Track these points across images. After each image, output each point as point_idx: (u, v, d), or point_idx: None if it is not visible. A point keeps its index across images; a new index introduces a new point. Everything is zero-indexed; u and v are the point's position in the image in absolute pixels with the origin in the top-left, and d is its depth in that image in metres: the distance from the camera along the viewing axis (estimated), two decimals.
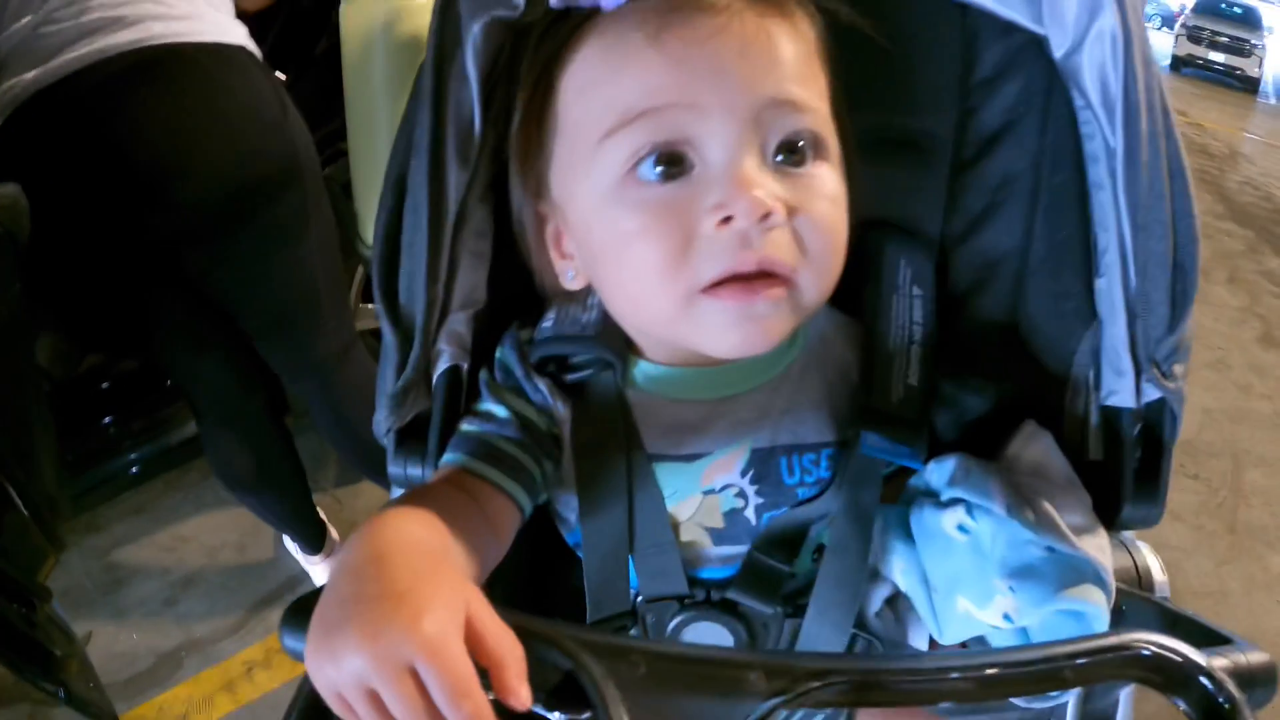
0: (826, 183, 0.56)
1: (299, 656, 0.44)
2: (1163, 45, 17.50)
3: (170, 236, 1.21)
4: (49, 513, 1.28)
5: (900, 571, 0.60)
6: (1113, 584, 0.54)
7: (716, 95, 0.52)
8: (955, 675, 0.40)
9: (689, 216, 0.52)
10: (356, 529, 0.45)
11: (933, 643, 0.60)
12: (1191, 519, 2.47)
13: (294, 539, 1.83)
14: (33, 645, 1.21)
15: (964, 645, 0.58)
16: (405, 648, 0.37)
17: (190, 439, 1.95)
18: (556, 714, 0.41)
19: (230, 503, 2.11)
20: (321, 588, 0.43)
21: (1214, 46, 14.68)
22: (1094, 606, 0.52)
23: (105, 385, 1.87)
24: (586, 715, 0.40)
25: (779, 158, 0.54)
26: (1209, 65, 14.79)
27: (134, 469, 1.90)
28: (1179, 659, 0.41)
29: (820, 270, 0.55)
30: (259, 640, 1.78)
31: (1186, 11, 17.02)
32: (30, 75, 1.13)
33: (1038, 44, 0.63)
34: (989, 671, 0.40)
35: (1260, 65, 14.86)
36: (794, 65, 0.54)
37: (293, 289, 1.30)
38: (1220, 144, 8.52)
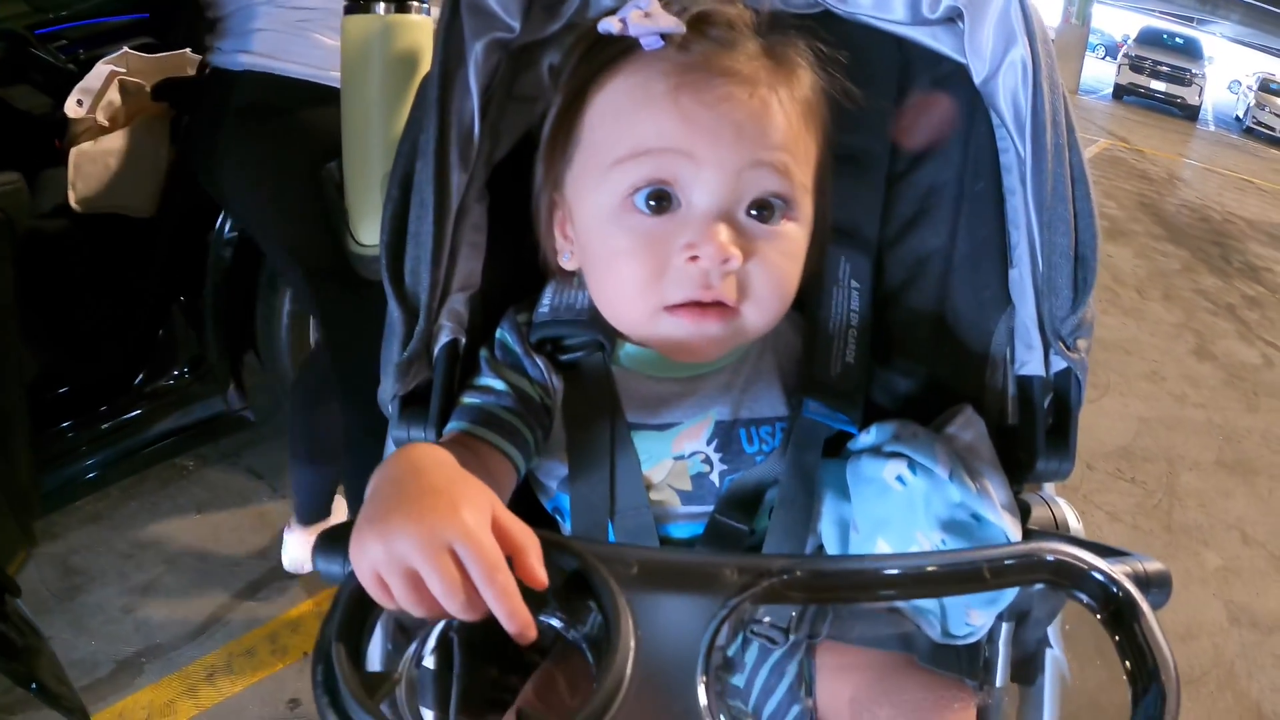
0: (786, 240, 0.67)
1: (331, 578, 0.51)
2: (1106, 74, 18.04)
3: None
4: (22, 506, 1.29)
5: (822, 518, 0.68)
6: None
7: (710, 151, 0.63)
8: (894, 571, 0.48)
9: (666, 248, 0.63)
10: (383, 462, 0.52)
11: None
12: (1129, 519, 2.59)
13: (318, 510, 1.92)
14: (4, 638, 1.22)
15: None
16: (446, 531, 0.44)
17: (150, 444, 1.96)
18: (557, 619, 0.48)
19: (188, 510, 2.12)
20: (349, 520, 0.49)
21: (1156, 75, 15.23)
22: None
23: (64, 390, 1.86)
24: (589, 617, 0.47)
25: (753, 212, 0.65)
26: (1150, 94, 15.35)
27: (91, 475, 1.89)
28: (1077, 561, 0.49)
29: (763, 309, 0.67)
30: (220, 645, 1.79)
31: (1130, 42, 17.64)
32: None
33: (962, 71, 0.74)
34: (924, 569, 0.48)
35: (1200, 94, 15.44)
36: (784, 134, 0.65)
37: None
38: (1159, 169, 8.84)
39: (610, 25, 0.65)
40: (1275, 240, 5.86)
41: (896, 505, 0.64)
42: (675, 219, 0.64)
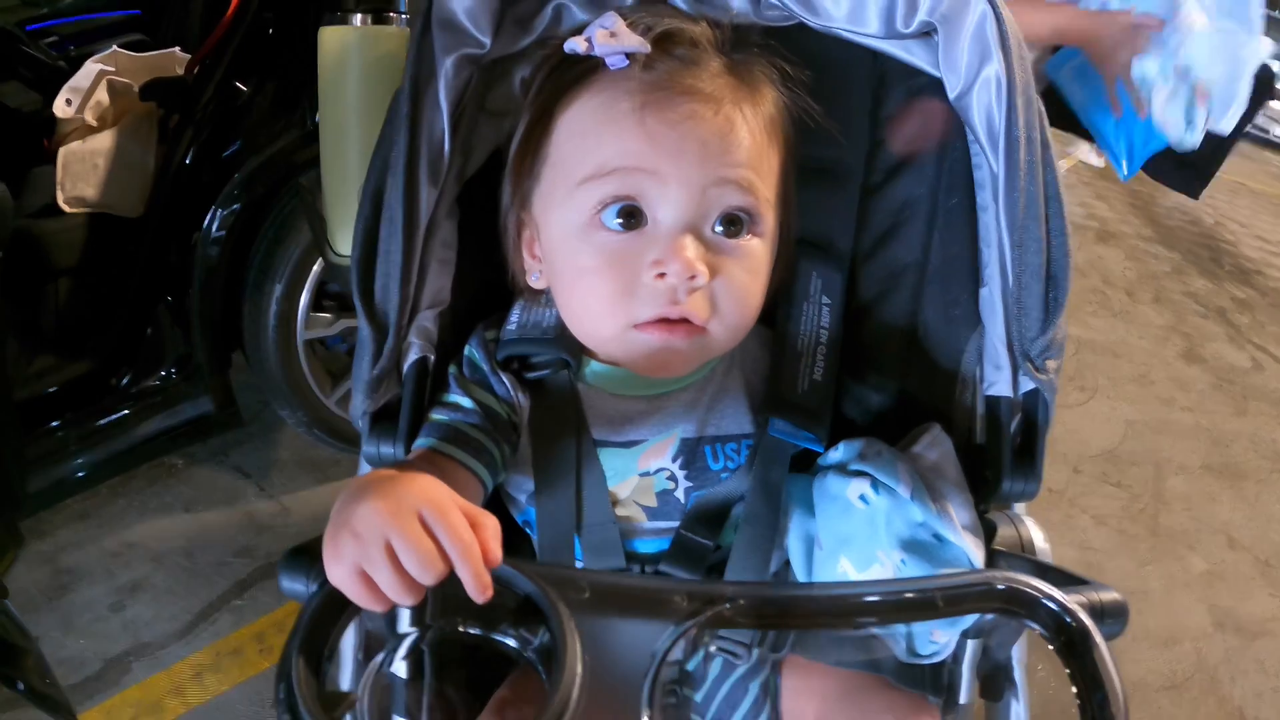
0: (752, 255, 0.67)
1: (294, 596, 0.51)
2: None
3: None
4: (9, 507, 1.29)
5: (789, 533, 0.69)
6: None
7: (676, 169, 0.63)
8: (845, 598, 0.48)
9: (634, 265, 0.64)
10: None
11: None
12: (1115, 523, 2.58)
13: None
14: None
15: None
16: (412, 499, 0.46)
17: (137, 444, 1.96)
18: (513, 638, 0.48)
19: (176, 509, 2.12)
20: (317, 538, 0.50)
21: None
22: None
23: (53, 389, 1.87)
24: (541, 635, 0.48)
25: (719, 228, 0.65)
26: None
27: (80, 474, 1.89)
28: (1030, 590, 0.50)
29: (729, 325, 0.67)
30: (207, 644, 1.79)
31: None
32: None
33: (936, 85, 0.73)
34: (874, 599, 0.49)
35: None
36: (748, 151, 0.66)
37: None
38: None
39: (576, 45, 0.65)
40: (1266, 243, 5.86)
41: (859, 523, 0.64)
42: (643, 236, 0.64)
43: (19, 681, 1.21)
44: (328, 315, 2.03)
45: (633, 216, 0.64)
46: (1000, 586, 0.49)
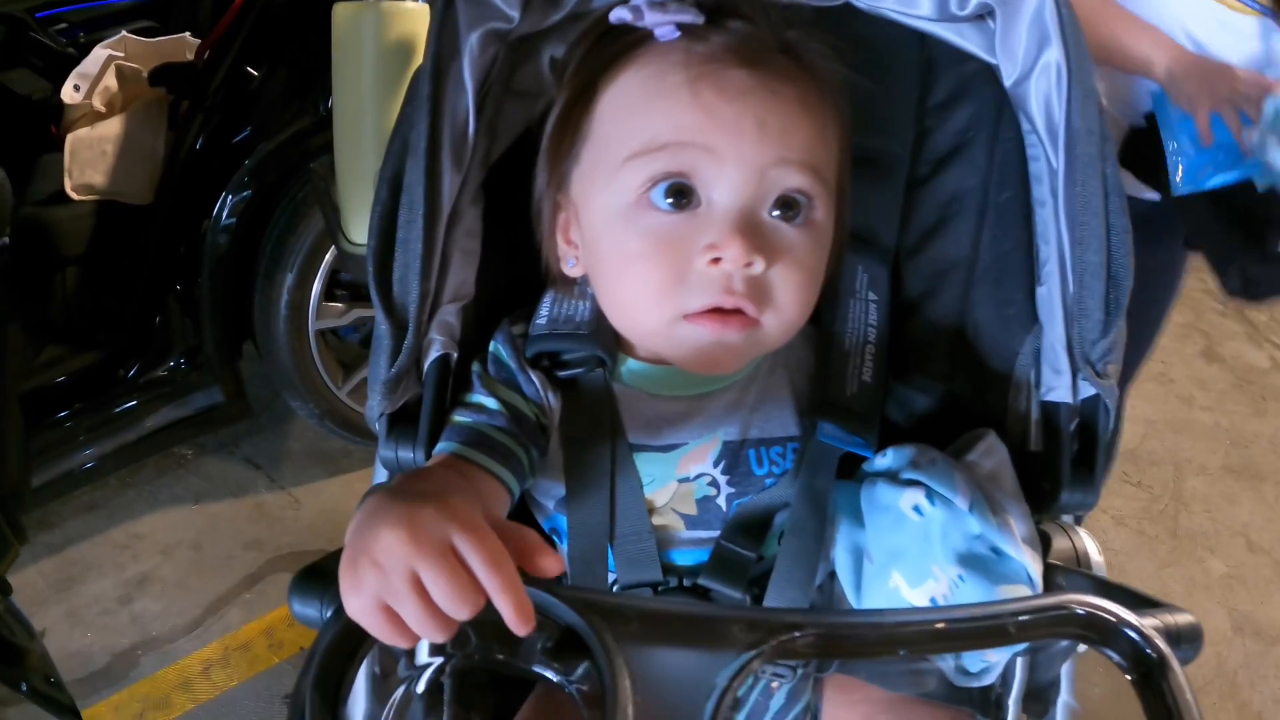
0: (810, 244, 0.62)
1: (307, 621, 0.48)
2: None
3: None
4: (13, 504, 1.27)
5: (836, 544, 0.65)
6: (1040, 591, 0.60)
7: (733, 146, 0.58)
8: (913, 628, 0.44)
9: (686, 249, 0.59)
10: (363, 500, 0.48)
11: None
12: (1134, 524, 2.56)
13: None
14: None
15: None
16: (441, 525, 0.41)
17: (146, 435, 1.94)
18: (552, 671, 0.45)
19: (185, 500, 2.10)
20: (326, 556, 0.46)
21: None
22: None
23: (61, 379, 1.85)
24: (582, 668, 0.44)
25: (775, 212, 0.61)
26: None
27: (88, 465, 1.87)
28: (1110, 616, 0.46)
29: (784, 319, 0.62)
30: (216, 639, 1.78)
31: None
32: None
33: (989, 72, 0.69)
34: (941, 626, 0.45)
35: None
36: (807, 131, 0.61)
37: None
38: None
39: (624, 14, 0.60)
40: None
41: (912, 536, 0.61)
42: (695, 218, 0.59)
43: (23, 682, 1.19)
44: (340, 305, 2.01)
45: (684, 195, 0.59)
46: (1080, 612, 0.45)
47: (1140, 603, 0.51)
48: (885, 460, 0.65)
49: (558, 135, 0.65)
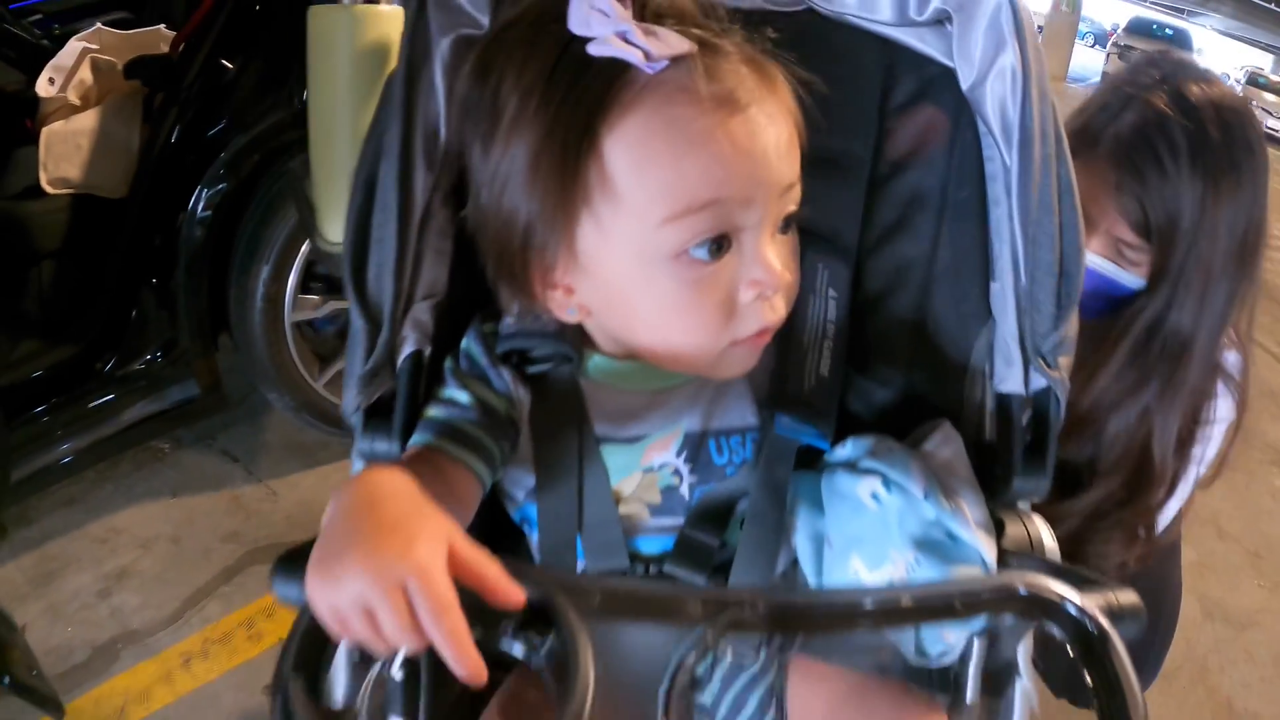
0: (796, 249, 0.68)
1: (289, 602, 0.49)
2: (1095, 62, 18.21)
3: None
4: None
5: (796, 531, 0.67)
6: (994, 574, 0.62)
7: (760, 189, 0.61)
8: (863, 603, 0.47)
9: (729, 288, 0.63)
10: (340, 487, 0.50)
11: None
12: None
13: None
14: None
15: None
16: (399, 567, 0.43)
17: (123, 429, 1.94)
18: (518, 644, 0.47)
19: (163, 494, 2.10)
20: (308, 541, 0.48)
21: None
22: None
23: (37, 374, 1.84)
24: (549, 644, 0.46)
25: (780, 228, 0.65)
26: None
27: (65, 459, 1.86)
28: (1052, 595, 0.49)
29: (782, 319, 0.67)
30: (196, 631, 1.78)
31: (1119, 31, 17.81)
32: None
33: (948, 75, 0.71)
34: (895, 601, 0.47)
35: None
36: (795, 149, 0.64)
37: None
38: None
39: (610, 49, 0.57)
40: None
41: (871, 523, 0.63)
42: (732, 259, 0.62)
43: (4, 675, 1.19)
44: (316, 297, 2.01)
45: (722, 246, 0.62)
46: (1022, 591, 0.48)
47: (1084, 582, 0.54)
48: (845, 450, 0.67)
49: (560, 189, 0.60)
